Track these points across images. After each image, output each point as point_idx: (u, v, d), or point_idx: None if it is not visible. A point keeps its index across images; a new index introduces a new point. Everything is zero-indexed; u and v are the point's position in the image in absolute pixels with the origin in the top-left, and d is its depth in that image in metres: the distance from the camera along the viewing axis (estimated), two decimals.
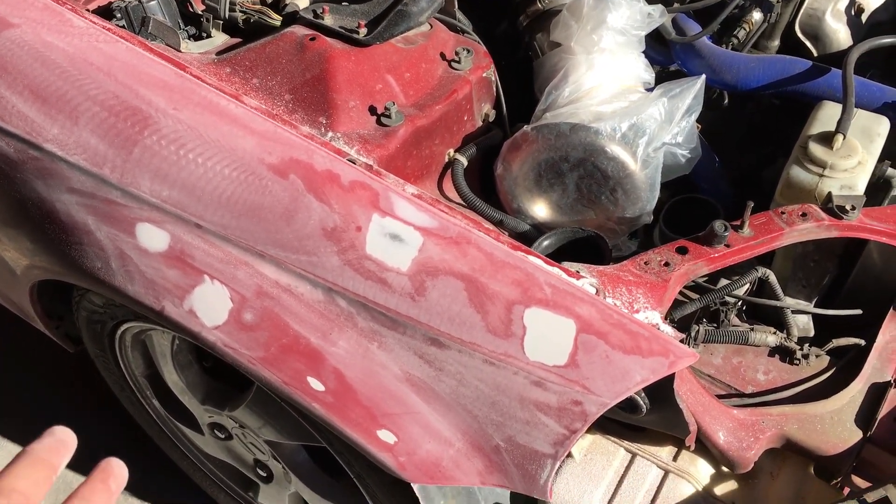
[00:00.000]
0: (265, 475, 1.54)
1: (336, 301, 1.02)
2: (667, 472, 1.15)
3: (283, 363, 1.06)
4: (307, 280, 1.02)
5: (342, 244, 0.99)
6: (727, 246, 1.07)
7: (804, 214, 1.10)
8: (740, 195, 1.47)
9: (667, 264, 1.05)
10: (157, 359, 1.45)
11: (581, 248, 1.17)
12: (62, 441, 0.52)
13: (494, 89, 1.36)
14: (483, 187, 1.36)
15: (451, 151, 1.29)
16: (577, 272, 1.00)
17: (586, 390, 0.95)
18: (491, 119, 1.37)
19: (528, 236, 1.30)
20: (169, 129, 1.04)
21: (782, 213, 1.11)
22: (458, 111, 1.27)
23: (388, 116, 1.15)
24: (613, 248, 1.32)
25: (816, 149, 1.18)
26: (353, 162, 1.03)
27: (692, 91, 1.26)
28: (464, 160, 1.28)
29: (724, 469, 1.16)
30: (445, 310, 0.97)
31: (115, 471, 0.53)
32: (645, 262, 1.05)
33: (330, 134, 1.12)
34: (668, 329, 0.97)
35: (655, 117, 1.23)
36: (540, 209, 1.31)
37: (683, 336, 1.00)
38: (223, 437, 1.52)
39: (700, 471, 1.16)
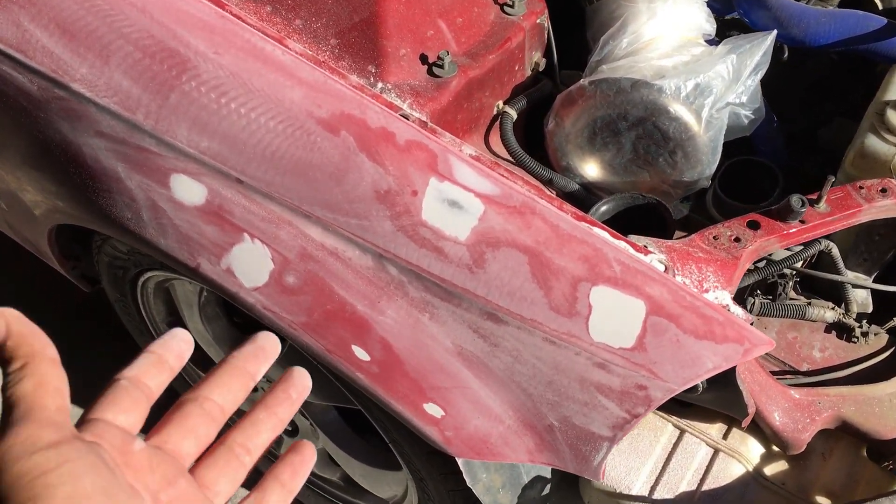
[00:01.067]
0: (290, 429, 1.51)
1: (386, 268, 0.96)
2: (717, 451, 1.11)
3: (326, 330, 1.00)
4: (356, 244, 0.96)
5: (396, 209, 0.92)
6: (802, 222, 1.00)
7: (884, 190, 1.04)
8: (795, 154, 1.40)
9: (737, 240, 0.99)
10: (181, 308, 1.40)
11: (640, 215, 1.11)
12: (261, 348, 0.52)
13: (546, 37, 1.27)
14: (528, 142, 1.29)
15: (501, 103, 1.21)
16: (645, 247, 0.94)
17: (653, 375, 0.89)
18: (541, 68, 1.28)
19: (577, 196, 1.24)
20: (210, 75, 0.96)
21: (860, 187, 1.04)
22: (510, 61, 1.19)
23: (441, 66, 1.07)
24: None
25: (895, 117, 1.10)
26: (406, 117, 0.96)
27: (762, 47, 1.18)
28: (513, 113, 1.21)
29: (775, 449, 1.12)
30: (506, 284, 0.91)
31: (297, 380, 0.52)
32: (714, 237, 0.99)
33: (380, 85, 1.04)
34: (738, 311, 0.91)
35: (723, 76, 1.15)
36: (591, 168, 1.24)
37: (755, 319, 0.94)
38: None
39: (751, 450, 1.12)
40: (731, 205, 1.22)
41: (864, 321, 1.17)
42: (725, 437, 1.12)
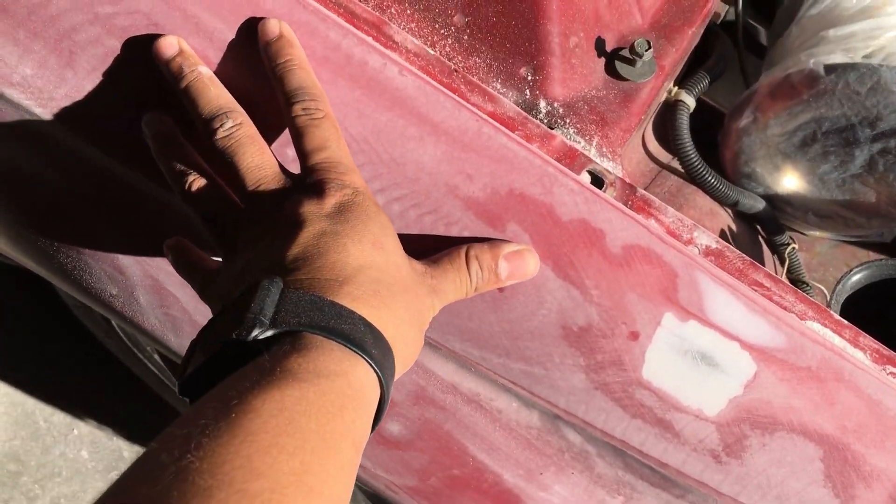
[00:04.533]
0: None
1: (563, 433, 0.59)
2: None
3: (448, 501, 0.64)
4: (513, 395, 0.58)
5: (597, 357, 0.54)
6: None
7: None
8: None
9: None
10: None
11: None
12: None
13: None
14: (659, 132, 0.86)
15: (674, 87, 0.79)
16: None
17: None
18: (719, 19, 0.86)
19: (762, 218, 0.86)
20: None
21: None
22: (701, 30, 0.76)
23: (633, 63, 0.64)
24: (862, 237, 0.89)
25: None
26: (599, 181, 0.55)
27: None
28: (691, 102, 0.79)
29: None
30: (775, 484, 0.55)
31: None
32: None
33: (543, 105, 0.61)
34: None
35: None
36: (789, 180, 0.85)
37: None
38: None
39: None
40: None
41: None
42: None
